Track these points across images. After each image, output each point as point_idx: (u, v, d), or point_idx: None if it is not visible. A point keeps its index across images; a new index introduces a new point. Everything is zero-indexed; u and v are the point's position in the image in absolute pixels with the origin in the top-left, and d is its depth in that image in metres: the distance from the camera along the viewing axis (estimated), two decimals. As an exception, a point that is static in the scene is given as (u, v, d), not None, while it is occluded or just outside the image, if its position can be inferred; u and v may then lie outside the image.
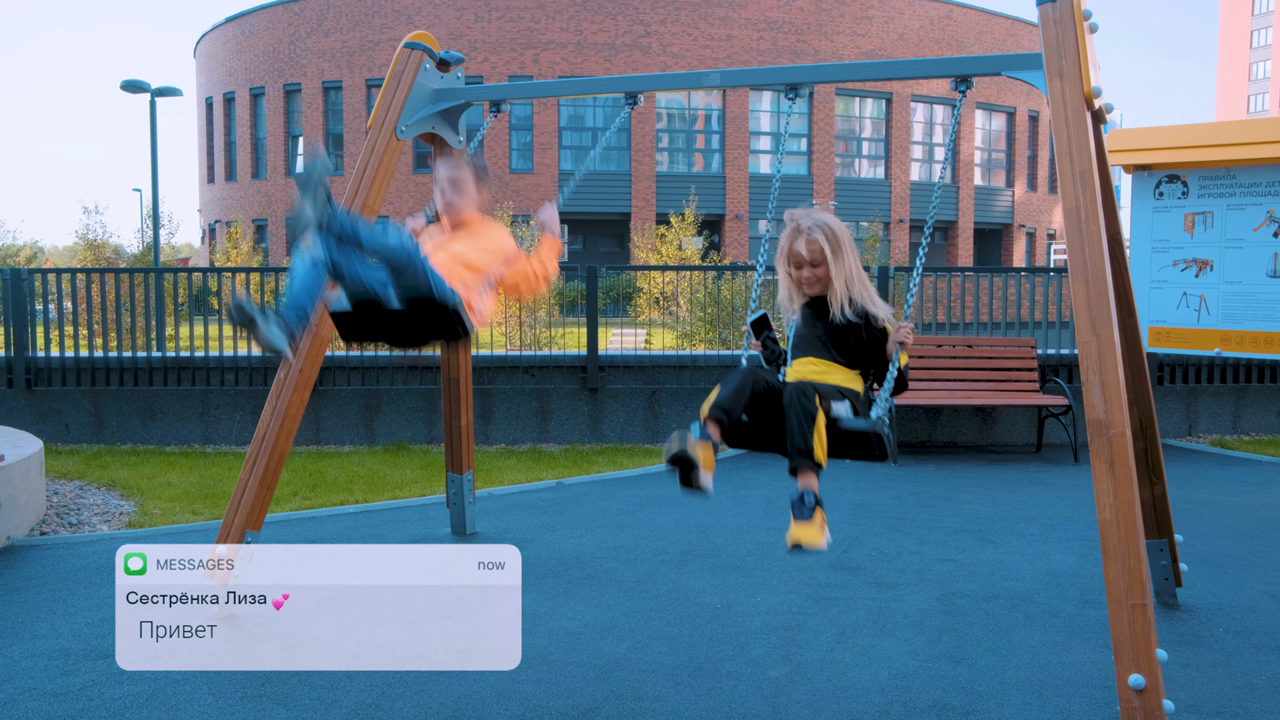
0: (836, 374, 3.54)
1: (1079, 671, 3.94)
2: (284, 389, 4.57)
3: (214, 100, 42.73)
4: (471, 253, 3.76)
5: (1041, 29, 3.84)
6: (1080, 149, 3.69)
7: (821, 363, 3.58)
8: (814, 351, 3.60)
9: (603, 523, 6.31)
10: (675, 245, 28.08)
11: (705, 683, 3.84)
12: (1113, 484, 3.40)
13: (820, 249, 3.54)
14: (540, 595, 4.85)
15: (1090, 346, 3.53)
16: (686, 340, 12.33)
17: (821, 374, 3.54)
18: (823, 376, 3.52)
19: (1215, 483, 7.57)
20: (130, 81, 20.45)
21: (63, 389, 9.25)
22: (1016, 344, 8.98)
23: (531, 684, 3.82)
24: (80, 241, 22.02)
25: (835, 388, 3.44)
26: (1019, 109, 41.40)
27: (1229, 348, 8.16)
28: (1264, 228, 7.98)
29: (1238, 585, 5.04)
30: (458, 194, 3.89)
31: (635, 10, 36.06)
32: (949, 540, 5.86)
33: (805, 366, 3.60)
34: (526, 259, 3.86)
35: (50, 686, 3.79)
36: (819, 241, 3.55)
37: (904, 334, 3.48)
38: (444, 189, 3.91)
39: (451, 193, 3.89)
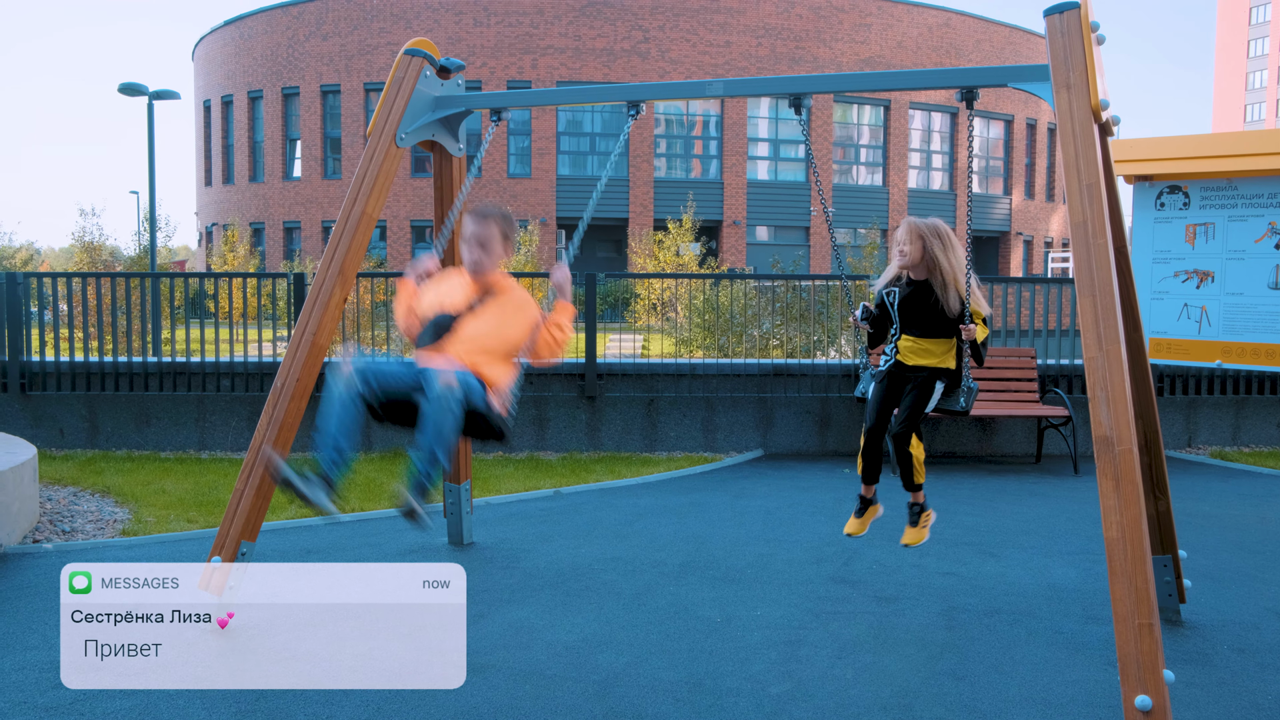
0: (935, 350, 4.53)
1: (1083, 690, 3.89)
2: (280, 398, 4.52)
3: (212, 103, 42.69)
4: (495, 334, 3.82)
5: (1049, 40, 3.80)
6: (1088, 162, 3.65)
7: (923, 341, 4.54)
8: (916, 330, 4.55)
9: (601, 533, 6.26)
10: (673, 251, 28.05)
11: (705, 699, 3.79)
12: (1119, 501, 3.36)
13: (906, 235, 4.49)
14: (538, 607, 4.80)
15: (1098, 362, 3.49)
16: (684, 347, 12.29)
17: (922, 351, 4.54)
18: (923, 355, 4.54)
19: (1216, 495, 7.54)
20: (128, 84, 20.39)
21: (57, 394, 9.19)
22: (1016, 354, 8.94)
23: (529, 700, 3.77)
24: (77, 244, 21.93)
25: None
26: (1017, 116, 41.45)
27: (1230, 359, 8.13)
28: (1265, 239, 7.96)
29: (1241, 601, 5.00)
30: (486, 254, 3.89)
31: (634, 16, 36.06)
32: (950, 553, 5.81)
33: (907, 343, 4.59)
34: (545, 329, 3.89)
35: (41, 700, 3.73)
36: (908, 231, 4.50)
37: (967, 334, 4.36)
38: (471, 248, 3.89)
39: (479, 252, 3.88)
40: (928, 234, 4.43)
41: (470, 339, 3.80)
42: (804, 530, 6.33)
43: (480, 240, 3.87)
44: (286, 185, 39.47)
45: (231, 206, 41.24)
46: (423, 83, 4.93)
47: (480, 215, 3.92)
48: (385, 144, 4.80)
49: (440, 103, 5.02)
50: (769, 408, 9.29)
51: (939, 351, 4.53)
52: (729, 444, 9.29)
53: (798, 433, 9.29)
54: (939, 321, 4.47)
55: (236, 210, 40.59)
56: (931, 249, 4.41)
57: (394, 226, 36.65)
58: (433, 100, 5.00)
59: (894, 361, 4.62)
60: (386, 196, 4.88)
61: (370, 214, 4.72)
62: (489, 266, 3.91)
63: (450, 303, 3.93)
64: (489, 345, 3.80)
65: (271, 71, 39.27)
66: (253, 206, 40.45)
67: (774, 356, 11.02)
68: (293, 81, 38.63)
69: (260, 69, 39.68)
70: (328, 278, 4.63)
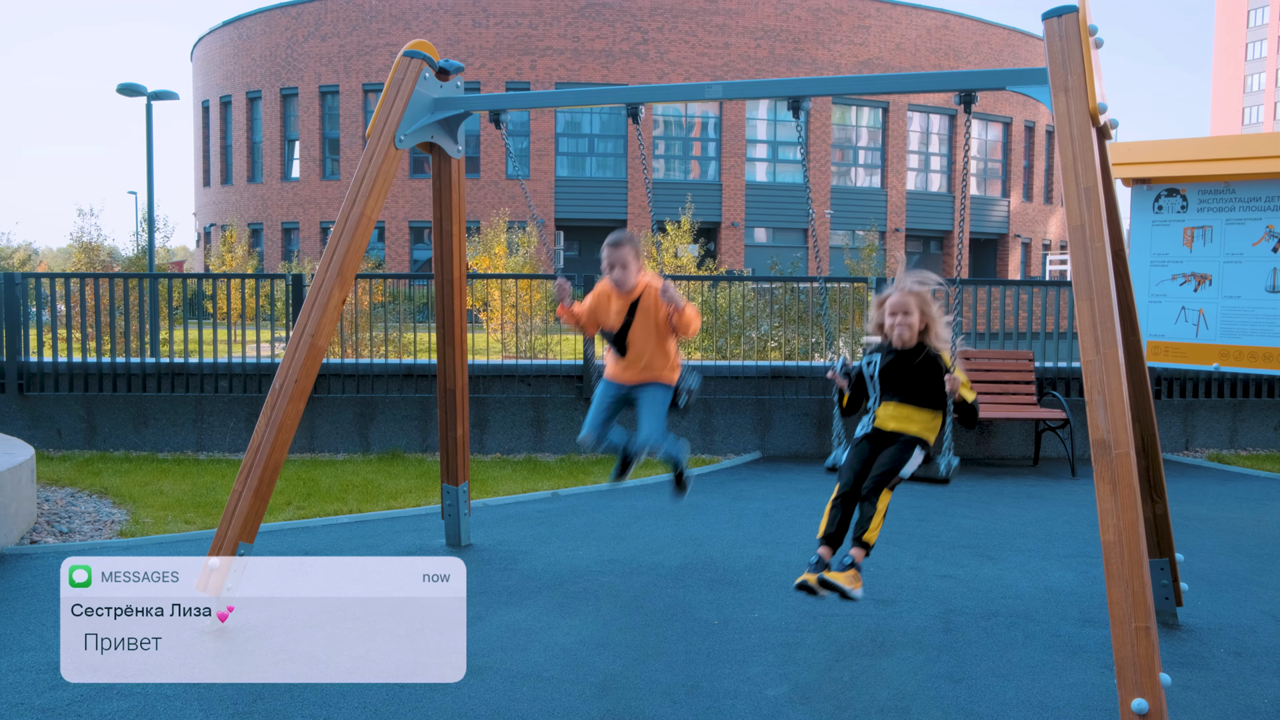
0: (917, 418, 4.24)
1: (1080, 693, 3.90)
2: (279, 399, 4.52)
3: (210, 104, 42.69)
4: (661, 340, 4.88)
5: (1047, 43, 3.81)
6: (1085, 165, 3.66)
7: (905, 408, 4.25)
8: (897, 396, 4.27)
9: (599, 535, 6.26)
10: (671, 253, 28.05)
11: (703, 701, 3.79)
12: (1116, 505, 3.36)
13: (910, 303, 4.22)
14: (536, 610, 4.80)
15: (1095, 365, 3.50)
16: (682, 349, 12.28)
17: (904, 419, 4.24)
18: (904, 422, 4.23)
19: (1213, 498, 7.55)
20: (127, 85, 20.38)
21: (55, 394, 9.19)
22: (1014, 356, 8.95)
23: (527, 702, 3.77)
24: (75, 244, 21.91)
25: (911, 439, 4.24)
26: (1015, 119, 41.51)
27: (1227, 362, 8.14)
28: (1263, 242, 7.96)
29: (1238, 604, 5.01)
30: (625, 274, 4.79)
31: (633, 18, 36.08)
32: (947, 556, 5.82)
33: (888, 411, 4.29)
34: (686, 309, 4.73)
35: (38, 701, 3.73)
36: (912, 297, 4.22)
37: (950, 383, 4.10)
38: (614, 274, 4.79)
39: (620, 274, 4.78)
40: (928, 304, 4.19)
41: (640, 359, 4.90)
42: (802, 532, 6.34)
43: (618, 264, 4.78)
44: (285, 186, 39.46)
45: (230, 207, 41.23)
46: (422, 84, 4.93)
47: (614, 244, 4.81)
48: (384, 145, 4.80)
49: (439, 104, 5.03)
50: (767, 410, 9.29)
51: (921, 420, 4.22)
52: (727, 446, 9.29)
53: (795, 435, 9.29)
54: (922, 388, 4.21)
55: (235, 211, 40.58)
56: (930, 319, 4.20)
57: (392, 227, 36.66)
58: (432, 102, 5.00)
59: (871, 429, 4.30)
60: (385, 198, 4.88)
61: (369, 215, 4.73)
62: (632, 282, 4.81)
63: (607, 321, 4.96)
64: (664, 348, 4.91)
65: (270, 72, 39.27)
66: (251, 207, 40.44)
67: (772, 358, 11.02)
68: (291, 82, 38.63)
69: (259, 70, 39.67)
70: (326, 279, 4.63)
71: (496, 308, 13.75)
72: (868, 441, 4.28)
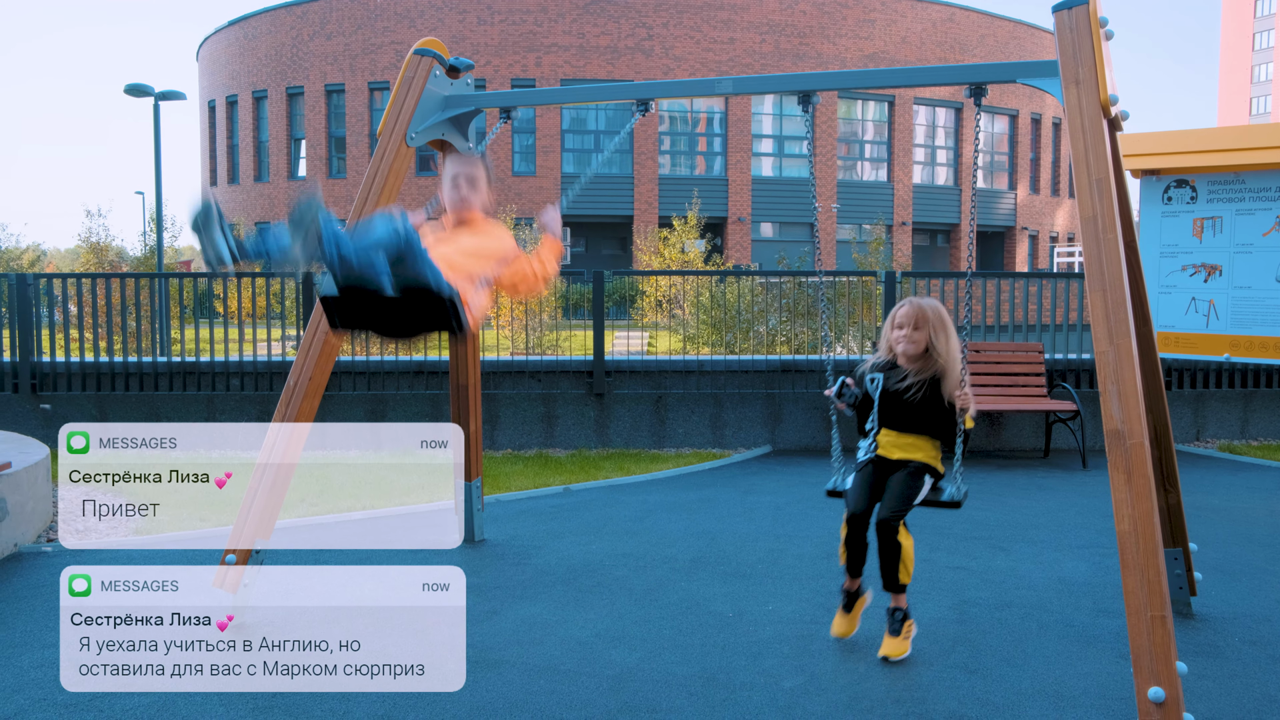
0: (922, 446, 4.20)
1: (1095, 682, 3.91)
2: (294, 396, 4.55)
3: (217, 103, 42.76)
4: (473, 249, 3.61)
5: (1057, 36, 3.82)
6: (1097, 157, 3.66)
7: (907, 437, 4.20)
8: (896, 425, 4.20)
9: (611, 529, 6.28)
10: (678, 248, 28.04)
11: (719, 694, 3.81)
12: (1131, 494, 3.37)
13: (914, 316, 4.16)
14: (550, 603, 4.82)
15: (1108, 356, 3.51)
16: (691, 344, 12.31)
17: (907, 447, 4.19)
18: (907, 450, 4.19)
19: (1225, 488, 7.54)
20: (134, 85, 20.46)
21: (68, 394, 9.23)
22: (1024, 349, 8.95)
23: (544, 695, 3.79)
24: (83, 244, 22.00)
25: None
26: (1021, 111, 41.39)
27: (1238, 353, 8.13)
28: (1273, 232, 7.95)
29: (1252, 594, 5.01)
30: (472, 190, 3.75)
31: (638, 14, 36.05)
32: (959, 547, 5.83)
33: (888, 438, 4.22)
34: (526, 259, 3.72)
35: (60, 697, 3.76)
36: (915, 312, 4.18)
37: (962, 401, 4.08)
38: (459, 185, 3.76)
39: (467, 188, 3.75)
40: (933, 320, 4.13)
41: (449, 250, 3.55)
42: (814, 525, 6.35)
43: (469, 178, 3.75)
44: (292, 185, 39.53)
45: (237, 206, 41.31)
46: (432, 82, 4.95)
47: (465, 156, 3.84)
48: (396, 143, 4.83)
49: (450, 102, 5.05)
50: (777, 404, 9.30)
51: (925, 448, 4.19)
52: (737, 440, 9.31)
53: (806, 428, 9.30)
54: (923, 416, 4.15)
55: (242, 210, 40.67)
56: (934, 337, 4.13)
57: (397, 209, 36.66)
58: (442, 99, 5.02)
59: (874, 455, 4.24)
60: (396, 195, 4.90)
61: (381, 213, 4.74)
62: (474, 202, 3.76)
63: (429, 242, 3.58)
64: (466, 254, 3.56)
65: (276, 71, 39.32)
66: (258, 206, 40.52)
67: (781, 353, 11.03)
68: (297, 81, 38.68)
69: (265, 69, 39.74)
70: (340, 277, 4.64)
71: (505, 304, 13.77)
72: (873, 464, 4.21)
